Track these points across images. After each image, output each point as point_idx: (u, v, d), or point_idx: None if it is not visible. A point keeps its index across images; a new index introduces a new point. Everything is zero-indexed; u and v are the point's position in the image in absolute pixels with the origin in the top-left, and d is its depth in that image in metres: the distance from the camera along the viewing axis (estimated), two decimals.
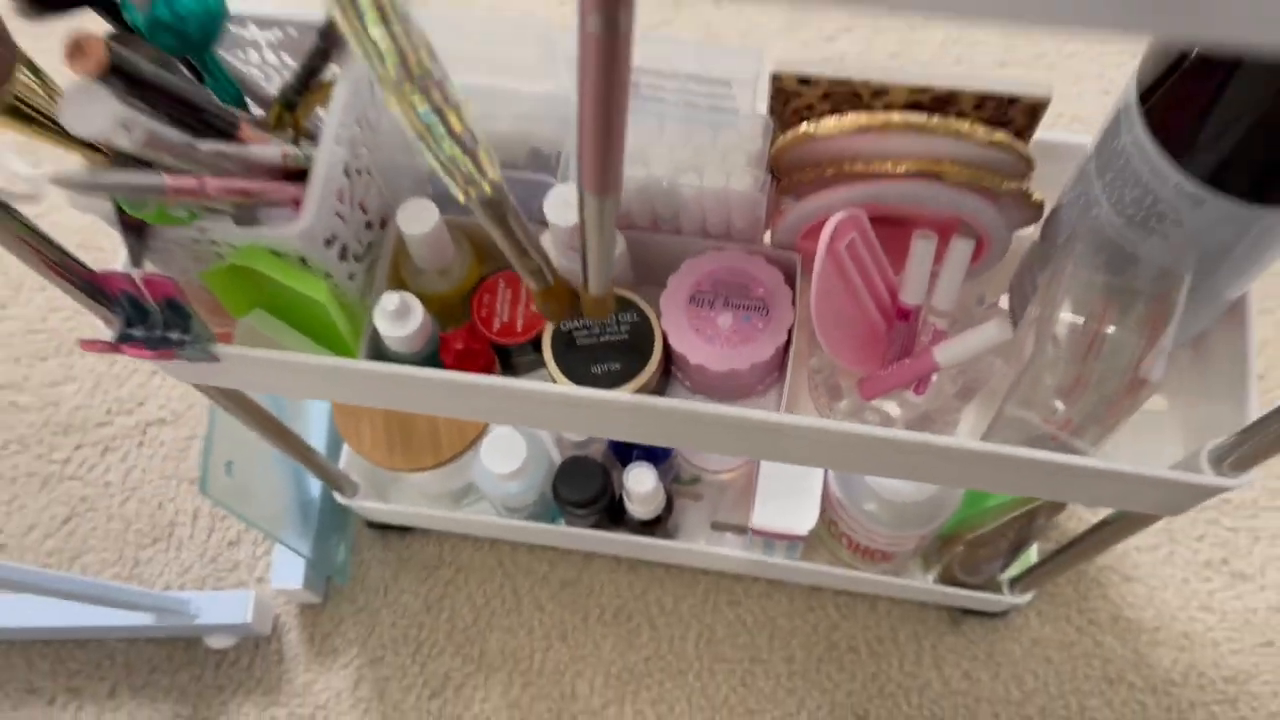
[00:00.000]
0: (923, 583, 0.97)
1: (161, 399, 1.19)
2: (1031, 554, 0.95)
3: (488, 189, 0.33)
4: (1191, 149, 0.45)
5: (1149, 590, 1.05)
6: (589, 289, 0.42)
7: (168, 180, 0.45)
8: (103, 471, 1.16)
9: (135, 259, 0.60)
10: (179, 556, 1.12)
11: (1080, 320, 0.51)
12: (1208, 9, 0.21)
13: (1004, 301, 0.68)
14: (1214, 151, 0.45)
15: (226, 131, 0.50)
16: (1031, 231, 0.65)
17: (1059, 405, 0.54)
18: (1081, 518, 1.05)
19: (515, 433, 0.89)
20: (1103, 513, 0.73)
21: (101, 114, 0.42)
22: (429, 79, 0.28)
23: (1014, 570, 0.92)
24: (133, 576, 1.12)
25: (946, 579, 0.95)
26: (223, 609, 1.04)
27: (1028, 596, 0.94)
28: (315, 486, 1.06)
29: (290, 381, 0.63)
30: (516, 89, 0.63)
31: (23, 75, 0.51)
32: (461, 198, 0.33)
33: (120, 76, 0.42)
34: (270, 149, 0.52)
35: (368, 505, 1.01)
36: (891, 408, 0.64)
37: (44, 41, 0.53)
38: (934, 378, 0.63)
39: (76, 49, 0.42)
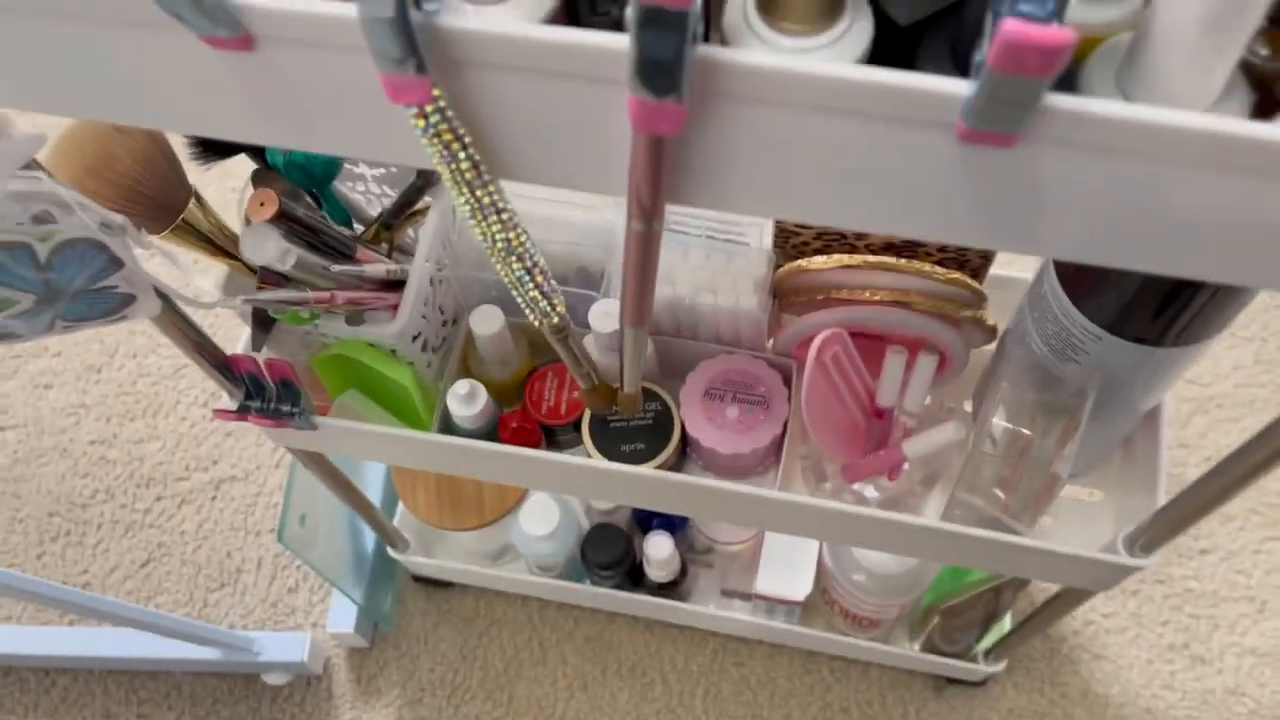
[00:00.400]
0: (908, 650, 1.08)
1: (234, 458, 1.33)
2: (1004, 625, 1.06)
3: (556, 320, 0.47)
4: (1091, 297, 0.59)
5: (1116, 668, 1.15)
6: (624, 389, 0.56)
7: (311, 295, 0.60)
8: (179, 521, 1.30)
9: (256, 345, 0.74)
10: (243, 600, 1.25)
11: (1013, 427, 0.64)
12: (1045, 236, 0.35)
13: (968, 405, 0.81)
14: (1109, 300, 0.58)
15: (347, 253, 0.64)
16: (990, 348, 0.78)
17: (999, 493, 0.67)
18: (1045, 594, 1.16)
19: (550, 500, 1.02)
20: (1055, 589, 0.85)
21: (272, 249, 0.57)
22: (525, 251, 0.42)
23: (988, 641, 1.03)
24: (201, 616, 1.25)
25: (929, 648, 1.06)
26: (282, 648, 1.16)
27: (1001, 665, 1.05)
28: (369, 542, 1.19)
29: (375, 449, 0.77)
30: (570, 218, 0.77)
31: (191, 205, 0.66)
32: (536, 324, 0.47)
33: (284, 220, 0.57)
34: (378, 267, 0.67)
35: (416, 560, 1.14)
36: (868, 490, 0.77)
37: (204, 176, 0.68)
38: (904, 467, 0.76)
39: (260, 202, 0.56)
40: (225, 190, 0.85)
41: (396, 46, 0.33)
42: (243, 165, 0.70)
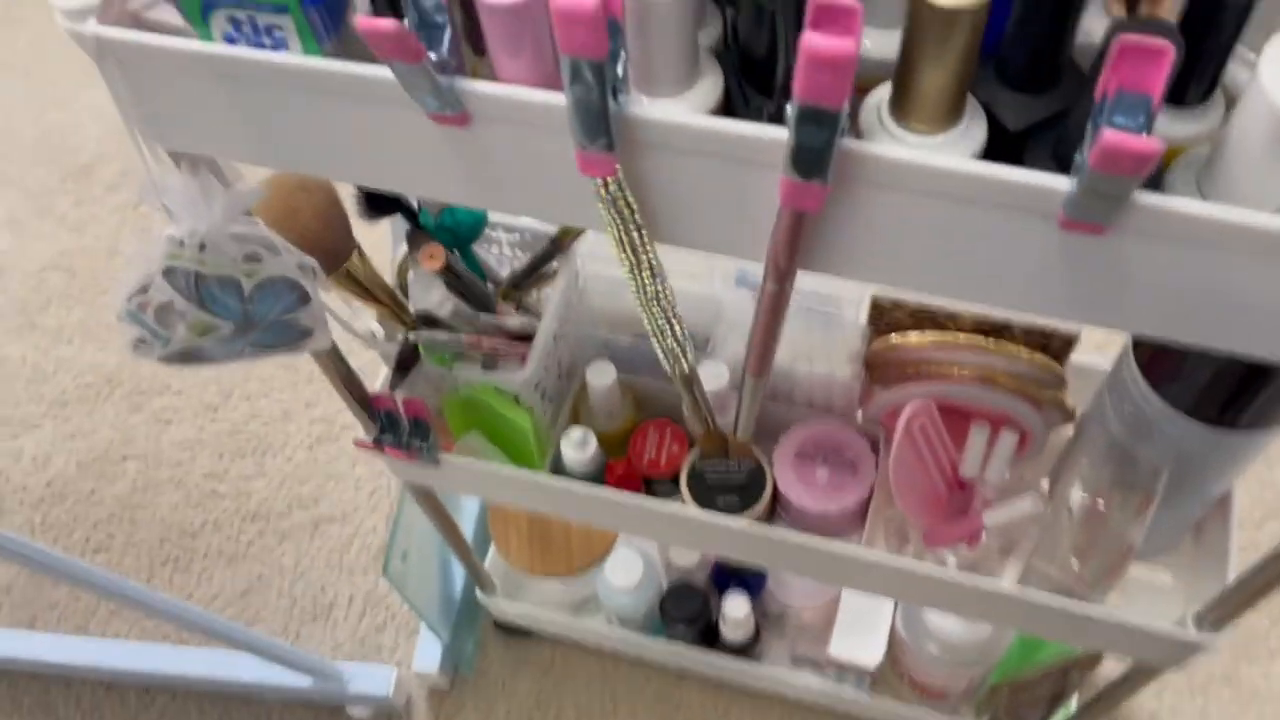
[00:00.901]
0: None
1: (334, 499, 1.41)
2: (1070, 707, 1.09)
3: (687, 369, 0.54)
4: (1168, 380, 0.64)
5: None
6: (737, 435, 0.62)
7: (465, 338, 0.68)
8: (279, 555, 1.38)
9: (394, 386, 0.82)
10: (333, 634, 1.32)
11: (1089, 498, 0.69)
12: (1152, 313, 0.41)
13: (1045, 484, 0.85)
14: (1185, 384, 0.63)
15: (488, 307, 0.72)
16: (1068, 430, 0.83)
17: (1074, 563, 0.72)
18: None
19: (635, 554, 1.08)
20: (1121, 675, 0.88)
21: (435, 295, 0.65)
22: (669, 304, 0.49)
23: None
24: (294, 646, 1.31)
25: None
26: (370, 682, 1.22)
27: None
28: (458, 586, 1.26)
29: (491, 486, 0.84)
30: (681, 288, 0.84)
31: (354, 256, 0.75)
32: (669, 369, 0.54)
33: (447, 271, 0.65)
34: (514, 320, 0.74)
35: (501, 604, 1.20)
36: (948, 556, 0.81)
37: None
38: (982, 535, 0.80)
39: (429, 255, 0.65)
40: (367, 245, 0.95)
41: (596, 129, 0.41)
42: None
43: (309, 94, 0.45)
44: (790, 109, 0.38)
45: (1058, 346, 0.77)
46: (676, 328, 0.51)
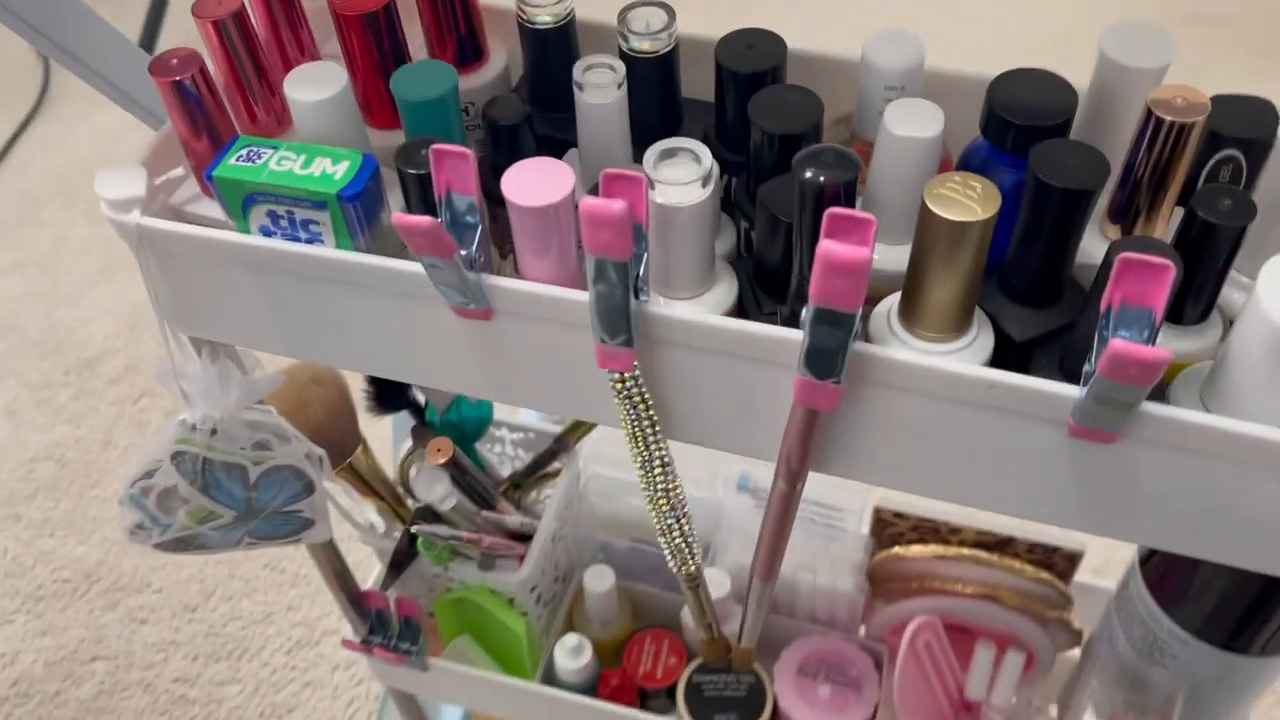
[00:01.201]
0: None
1: (310, 708, 1.35)
2: None
3: (693, 567, 0.53)
4: (1178, 602, 0.63)
5: None
6: (741, 642, 0.60)
7: (465, 535, 0.67)
8: None
9: (386, 585, 0.80)
10: None
11: None
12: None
13: (1053, 710, 0.82)
14: (1195, 606, 0.63)
15: (490, 504, 0.72)
16: (1075, 654, 0.81)
17: None
18: None
19: None
20: None
21: (441, 490, 0.65)
22: (678, 501, 0.49)
23: None
24: None
25: None
26: None
27: None
28: None
29: (479, 694, 0.80)
30: None
31: (359, 450, 0.75)
32: (675, 570, 0.53)
33: (452, 466, 0.65)
34: (514, 518, 0.74)
35: None
36: None
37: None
38: None
39: (437, 449, 0.65)
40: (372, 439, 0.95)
41: (617, 325, 0.42)
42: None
43: (340, 286, 0.47)
44: (806, 312, 0.40)
45: (1061, 565, 0.76)
46: (685, 525, 0.50)
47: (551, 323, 0.45)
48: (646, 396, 0.45)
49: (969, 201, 0.40)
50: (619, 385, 0.45)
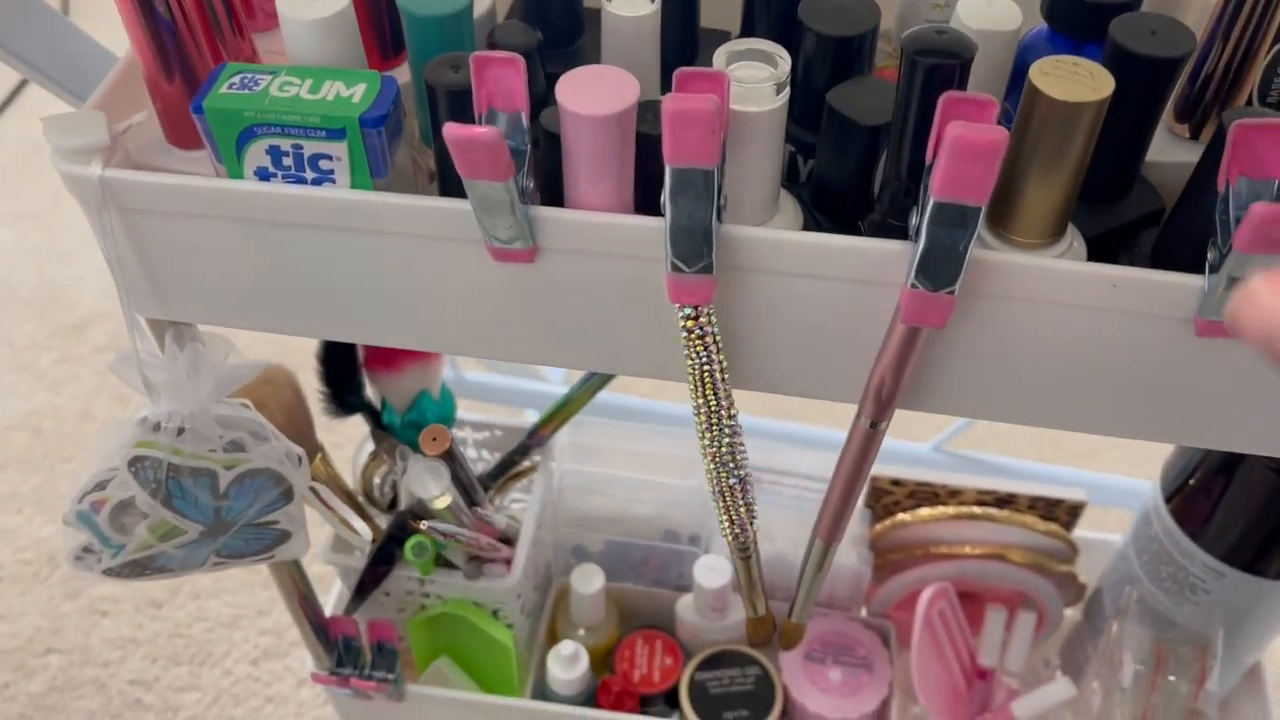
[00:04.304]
0: None
1: None
2: None
3: (752, 533, 0.48)
4: (1208, 532, 0.62)
5: None
6: (793, 617, 0.55)
7: (465, 532, 0.60)
8: None
9: (351, 610, 0.72)
10: None
11: (1141, 668, 0.64)
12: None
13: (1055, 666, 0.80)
14: (1230, 537, 0.61)
15: (476, 502, 0.65)
16: (1073, 613, 0.79)
17: None
18: None
19: None
20: None
21: (436, 485, 0.58)
22: (742, 461, 0.44)
23: None
24: None
25: None
26: None
27: None
28: None
29: None
30: (661, 482, 0.79)
31: (318, 458, 0.67)
32: (729, 538, 0.48)
33: (447, 458, 0.59)
34: (500, 517, 0.67)
35: None
36: None
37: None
38: None
39: (433, 437, 0.58)
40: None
41: (699, 250, 0.37)
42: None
43: (359, 237, 0.40)
44: (920, 213, 0.36)
45: (1064, 517, 0.74)
46: (747, 487, 0.45)
47: (611, 257, 0.40)
48: (718, 335, 0.40)
49: (1082, 83, 0.36)
50: (690, 323, 0.40)
